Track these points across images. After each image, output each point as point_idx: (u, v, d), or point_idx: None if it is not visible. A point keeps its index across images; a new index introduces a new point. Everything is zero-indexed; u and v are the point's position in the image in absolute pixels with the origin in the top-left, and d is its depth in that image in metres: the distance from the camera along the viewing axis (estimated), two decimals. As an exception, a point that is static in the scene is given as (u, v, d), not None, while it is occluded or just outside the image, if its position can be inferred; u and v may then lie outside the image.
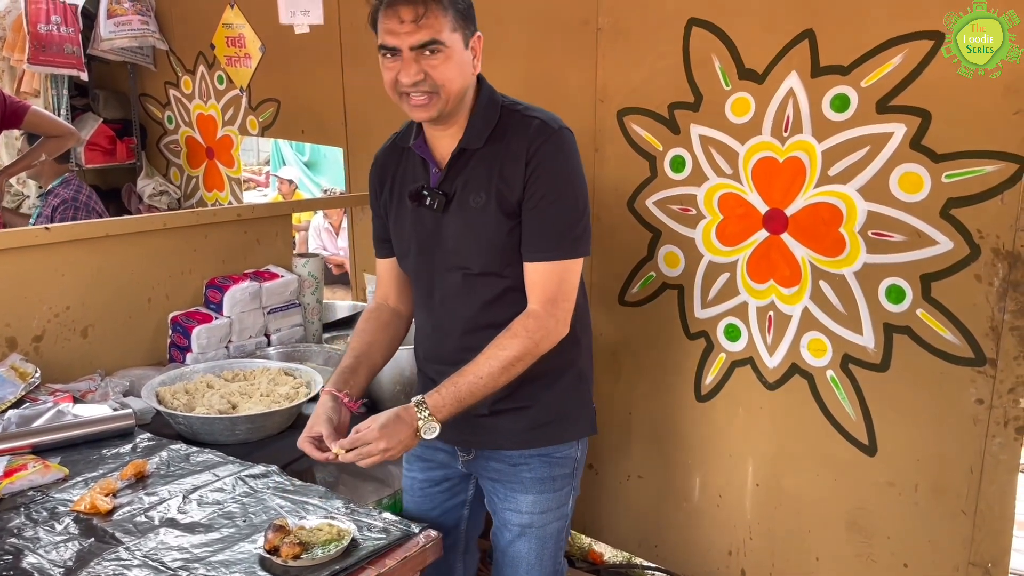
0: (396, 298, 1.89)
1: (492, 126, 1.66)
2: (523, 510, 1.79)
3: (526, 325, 1.62)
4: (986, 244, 1.99)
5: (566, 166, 1.63)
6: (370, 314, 1.89)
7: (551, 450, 1.77)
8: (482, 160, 1.66)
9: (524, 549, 1.82)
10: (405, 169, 1.77)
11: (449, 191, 1.67)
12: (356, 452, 1.59)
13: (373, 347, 1.83)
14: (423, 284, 1.77)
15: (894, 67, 2.04)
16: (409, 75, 1.58)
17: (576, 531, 3.05)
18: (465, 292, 1.70)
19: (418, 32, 1.55)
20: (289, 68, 3.64)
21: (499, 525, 1.86)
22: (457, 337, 1.73)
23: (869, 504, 2.27)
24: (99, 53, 4.35)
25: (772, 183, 2.29)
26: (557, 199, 1.62)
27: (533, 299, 1.63)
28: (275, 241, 3.02)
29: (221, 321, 2.70)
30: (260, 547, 1.53)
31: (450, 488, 1.92)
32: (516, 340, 1.61)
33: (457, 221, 1.67)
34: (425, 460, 1.91)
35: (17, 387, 2.21)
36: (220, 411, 2.20)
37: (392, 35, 1.57)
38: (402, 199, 1.76)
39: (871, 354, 2.20)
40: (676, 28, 2.39)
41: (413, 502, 1.97)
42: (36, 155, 3.74)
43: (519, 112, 1.68)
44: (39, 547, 1.56)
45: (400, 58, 1.58)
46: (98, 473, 1.87)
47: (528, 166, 1.60)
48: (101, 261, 2.57)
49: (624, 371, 2.72)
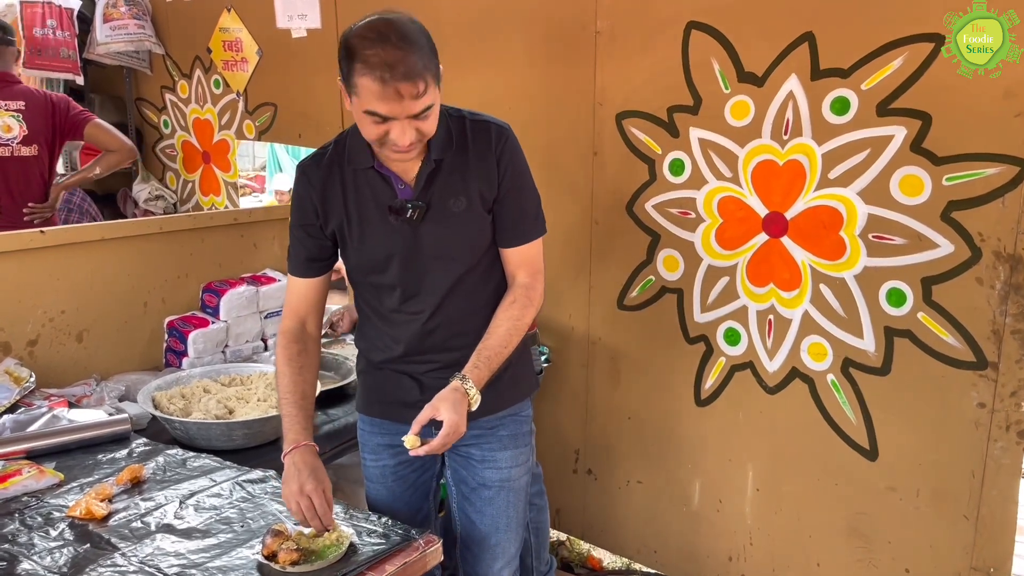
0: (313, 322, 1.90)
1: (450, 135, 1.75)
2: (502, 466, 1.92)
3: (527, 294, 1.82)
4: (987, 247, 1.98)
5: (523, 160, 1.82)
6: (301, 346, 1.85)
7: (517, 408, 1.93)
8: (453, 168, 1.75)
9: (503, 503, 1.94)
10: (359, 186, 1.78)
11: (426, 200, 1.74)
12: (440, 442, 1.62)
13: (313, 385, 1.85)
14: (406, 290, 1.81)
15: (894, 70, 2.03)
16: (407, 137, 1.60)
17: (575, 537, 3.03)
18: (452, 287, 1.80)
19: (416, 103, 1.57)
20: (286, 72, 3.63)
21: (472, 488, 1.94)
22: (447, 327, 1.83)
23: (870, 509, 2.26)
24: (95, 57, 4.33)
25: (772, 186, 2.28)
26: (524, 189, 1.82)
27: (522, 274, 1.83)
28: (272, 245, 3.01)
29: (218, 325, 2.69)
30: (258, 553, 1.52)
31: (421, 465, 1.98)
32: (526, 308, 1.80)
33: (438, 226, 1.76)
34: (395, 446, 1.92)
35: (12, 392, 2.19)
36: (217, 416, 2.18)
37: (387, 106, 1.56)
38: (365, 215, 1.78)
39: (872, 358, 2.19)
40: (675, 31, 2.38)
41: (385, 488, 1.98)
42: (92, 169, 3.73)
43: (466, 119, 1.79)
44: (34, 553, 1.54)
45: (391, 122, 1.59)
46: (93, 478, 1.85)
47: (499, 166, 1.77)
48: (97, 265, 2.55)
49: (623, 375, 2.70)
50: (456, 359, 1.81)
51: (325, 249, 1.84)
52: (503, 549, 1.97)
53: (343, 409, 2.46)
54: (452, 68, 2.76)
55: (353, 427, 2.39)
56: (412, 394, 1.86)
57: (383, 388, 1.90)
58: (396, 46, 1.53)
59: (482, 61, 2.82)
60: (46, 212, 3.59)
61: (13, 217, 3.46)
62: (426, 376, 1.85)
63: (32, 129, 3.49)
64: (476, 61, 2.82)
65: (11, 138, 3.46)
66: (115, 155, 3.71)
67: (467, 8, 2.86)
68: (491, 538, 1.95)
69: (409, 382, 1.86)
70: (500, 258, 1.85)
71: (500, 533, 1.95)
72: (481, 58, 2.82)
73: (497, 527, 1.95)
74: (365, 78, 1.55)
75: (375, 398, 1.93)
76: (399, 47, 1.53)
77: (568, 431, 2.89)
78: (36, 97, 3.58)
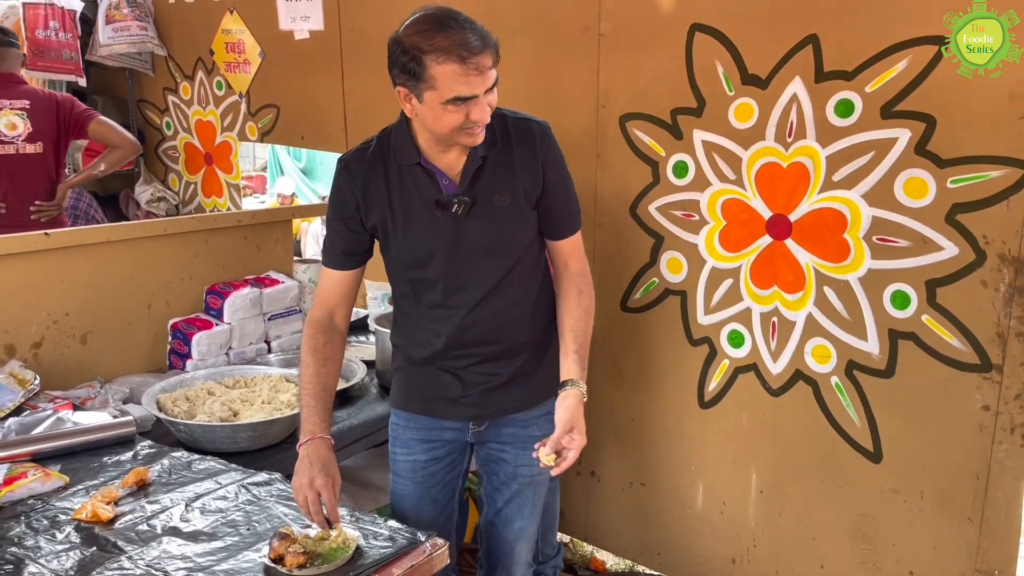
0: (342, 314, 1.92)
1: (493, 132, 1.79)
2: (535, 464, 1.91)
3: (585, 280, 1.93)
4: (992, 249, 1.98)
5: (562, 157, 1.90)
6: (327, 337, 1.86)
7: (549, 406, 1.92)
8: (497, 165, 1.80)
9: (530, 495, 2.04)
10: (403, 182, 1.82)
11: (472, 196, 1.79)
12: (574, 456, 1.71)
13: (335, 377, 1.88)
14: (448, 284, 1.85)
15: (899, 72, 2.03)
16: (485, 114, 1.68)
17: (578, 539, 3.03)
18: (496, 281, 1.85)
19: (492, 75, 1.65)
20: (289, 74, 3.63)
21: (503, 481, 2.03)
22: (488, 320, 1.87)
23: (874, 511, 2.26)
24: (97, 59, 4.33)
25: (776, 188, 2.28)
26: (567, 184, 1.92)
27: (573, 262, 1.94)
28: (275, 247, 3.01)
29: (222, 327, 2.69)
30: (265, 556, 1.52)
31: (451, 461, 2.03)
32: (591, 297, 1.92)
33: (482, 221, 1.81)
34: (429, 441, 1.99)
35: (16, 394, 2.19)
36: (221, 418, 2.18)
37: (469, 86, 1.62)
38: (409, 210, 1.81)
39: (876, 360, 2.19)
40: (679, 33, 2.38)
41: (413, 483, 2.01)
42: (97, 166, 3.74)
43: (508, 117, 1.84)
44: (40, 556, 1.54)
45: (471, 103, 1.65)
46: (99, 481, 1.85)
47: (543, 163, 1.84)
48: (101, 267, 2.55)
49: (626, 378, 2.70)
50: (497, 352, 1.90)
51: (362, 243, 1.88)
52: (526, 532, 2.08)
53: (347, 411, 2.46)
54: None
55: (358, 429, 2.41)
56: (453, 390, 1.93)
57: (424, 385, 1.95)
58: (460, 27, 1.62)
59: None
60: (53, 211, 3.59)
61: (19, 215, 3.47)
62: (466, 372, 1.91)
63: (37, 127, 3.50)
64: (479, 63, 2.82)
65: (16, 135, 3.46)
66: (119, 151, 3.72)
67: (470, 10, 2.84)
68: (515, 522, 2.05)
69: (450, 378, 1.92)
70: (540, 254, 1.94)
71: (525, 519, 2.06)
72: (484, 60, 2.81)
73: (523, 513, 2.05)
74: (444, 65, 1.60)
75: (415, 395, 1.97)
76: (462, 27, 1.62)
77: (571, 433, 2.88)
78: (41, 96, 3.58)
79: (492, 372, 1.91)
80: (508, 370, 1.91)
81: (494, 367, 1.91)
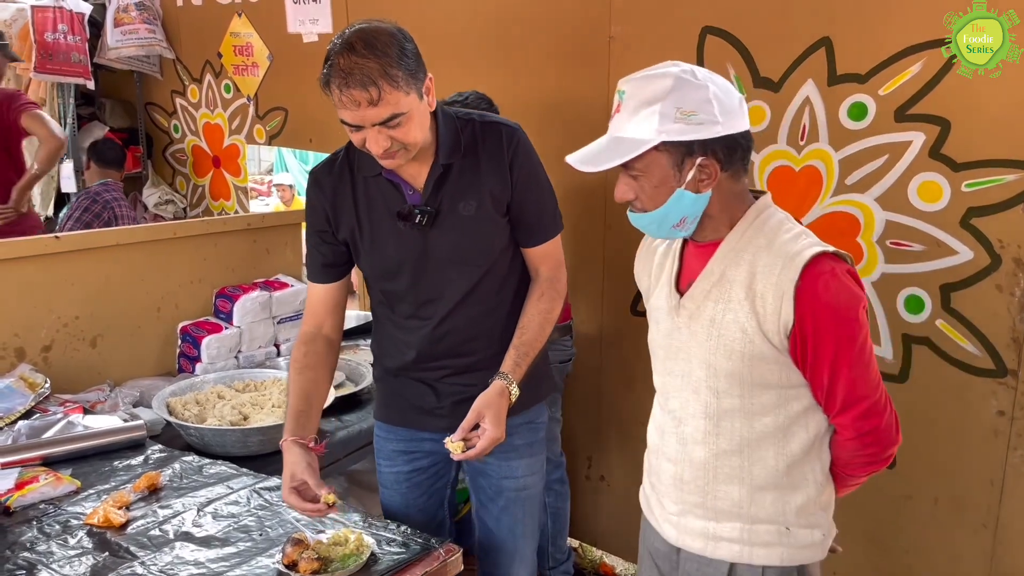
0: (331, 326, 1.90)
1: (458, 139, 1.74)
2: (518, 475, 1.92)
3: (552, 287, 1.84)
4: (1007, 254, 1.97)
5: (536, 160, 1.82)
6: (307, 348, 1.85)
7: (532, 415, 1.91)
8: (463, 172, 1.74)
9: (520, 512, 1.95)
10: (370, 193, 1.78)
11: (435, 206, 1.73)
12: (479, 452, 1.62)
13: (319, 384, 1.84)
14: (418, 295, 1.81)
15: (912, 75, 2.02)
16: (378, 145, 1.60)
17: (587, 543, 3.02)
18: (466, 291, 1.79)
19: (377, 110, 1.55)
20: (297, 77, 3.62)
21: (490, 496, 1.95)
22: (460, 331, 1.82)
23: (888, 517, 2.25)
24: (106, 62, 4.34)
25: (788, 192, 2.27)
26: (540, 188, 1.82)
27: (545, 268, 1.85)
28: (284, 250, 3.00)
29: (231, 331, 2.69)
30: (278, 562, 1.51)
31: (436, 472, 1.97)
32: (554, 301, 1.83)
33: (448, 231, 1.75)
34: (410, 452, 1.94)
35: (27, 398, 2.19)
36: (232, 422, 2.18)
37: (351, 114, 1.57)
38: (375, 222, 1.78)
39: (889, 365, 2.18)
40: (690, 36, 2.37)
41: (399, 495, 1.98)
42: (31, 168, 3.65)
43: (475, 121, 1.78)
44: (52, 561, 1.54)
45: (364, 130, 1.59)
46: (110, 485, 1.85)
47: (512, 168, 1.76)
48: (110, 270, 2.55)
49: (636, 382, 2.69)
50: (469, 364, 1.82)
51: (340, 255, 1.85)
52: (520, 554, 1.99)
53: (357, 415, 2.46)
54: (466, 73, 2.77)
55: (368, 432, 2.39)
56: (428, 400, 1.87)
57: (400, 395, 1.91)
58: (359, 54, 1.53)
59: (497, 66, 2.81)
60: (7, 213, 3.50)
61: None
62: (440, 383, 1.85)
63: None
64: (491, 66, 2.82)
65: None
66: (44, 147, 3.58)
67: (481, 13, 2.85)
68: (508, 544, 1.97)
69: (424, 389, 1.87)
70: (515, 262, 1.85)
71: (517, 540, 1.97)
72: (496, 63, 2.81)
73: (514, 534, 1.96)
74: (330, 86, 1.57)
75: (393, 405, 1.93)
76: (360, 55, 1.53)
77: (581, 437, 2.87)
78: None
79: (467, 383, 1.81)
80: (483, 381, 1.77)
81: (470, 378, 1.81)
